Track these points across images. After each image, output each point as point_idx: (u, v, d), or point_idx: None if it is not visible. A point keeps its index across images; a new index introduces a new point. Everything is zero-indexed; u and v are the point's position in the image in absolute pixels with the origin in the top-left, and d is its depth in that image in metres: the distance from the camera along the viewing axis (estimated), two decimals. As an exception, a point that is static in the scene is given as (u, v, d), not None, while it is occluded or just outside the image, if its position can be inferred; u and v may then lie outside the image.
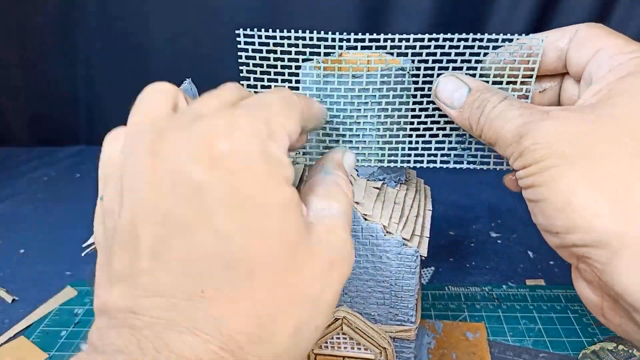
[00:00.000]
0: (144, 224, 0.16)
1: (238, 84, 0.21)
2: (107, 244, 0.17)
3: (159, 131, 0.17)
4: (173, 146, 0.16)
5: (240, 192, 0.16)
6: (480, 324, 0.41)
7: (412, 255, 0.28)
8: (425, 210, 0.31)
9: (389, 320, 0.30)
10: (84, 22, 0.77)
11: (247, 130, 0.17)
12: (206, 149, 0.16)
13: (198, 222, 0.16)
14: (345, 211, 0.21)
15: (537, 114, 0.22)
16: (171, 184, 0.16)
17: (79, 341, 0.41)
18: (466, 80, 0.25)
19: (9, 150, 0.83)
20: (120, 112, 0.74)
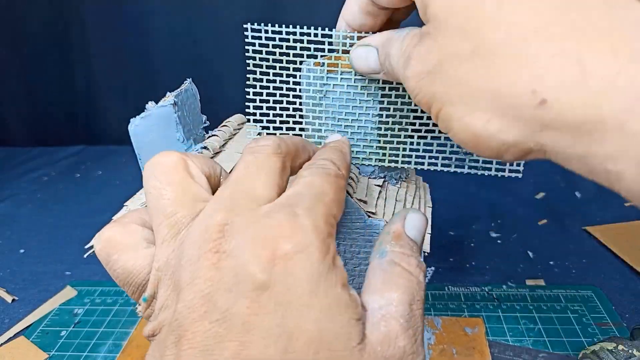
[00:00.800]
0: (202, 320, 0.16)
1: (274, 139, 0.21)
2: (160, 337, 0.17)
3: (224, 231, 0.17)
4: (237, 245, 0.17)
5: (294, 292, 0.16)
6: (478, 319, 0.41)
7: None
8: (426, 207, 0.31)
9: None
10: (83, 22, 0.77)
11: (309, 232, 0.17)
12: (269, 249, 0.16)
13: (255, 323, 0.16)
14: (410, 297, 0.18)
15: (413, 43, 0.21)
16: (234, 282, 0.16)
17: (78, 341, 0.41)
18: (370, 41, 0.25)
19: (9, 150, 0.83)
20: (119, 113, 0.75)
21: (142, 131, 0.29)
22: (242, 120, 0.37)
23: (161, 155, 0.21)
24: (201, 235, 0.17)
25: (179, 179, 0.20)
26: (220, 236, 0.17)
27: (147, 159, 0.29)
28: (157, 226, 0.19)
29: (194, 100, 0.31)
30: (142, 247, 0.20)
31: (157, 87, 0.81)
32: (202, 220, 0.18)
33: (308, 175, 0.20)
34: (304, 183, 0.19)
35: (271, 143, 0.21)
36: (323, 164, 0.21)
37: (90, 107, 0.84)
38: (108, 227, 0.21)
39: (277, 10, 0.72)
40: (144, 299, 0.19)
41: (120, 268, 0.20)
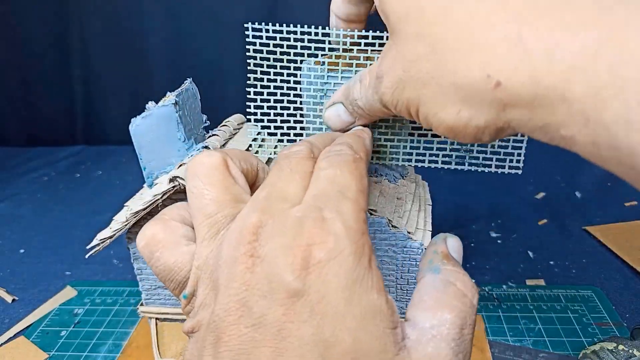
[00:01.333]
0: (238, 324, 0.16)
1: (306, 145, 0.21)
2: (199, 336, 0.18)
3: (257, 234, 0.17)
4: (270, 250, 0.17)
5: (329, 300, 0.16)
6: (477, 315, 0.41)
7: (417, 249, 0.28)
8: (426, 205, 0.32)
9: None
10: (82, 23, 0.77)
11: (341, 236, 0.17)
12: (302, 256, 0.16)
13: (291, 330, 0.16)
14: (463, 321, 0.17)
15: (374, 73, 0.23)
16: (268, 288, 0.16)
17: (78, 341, 0.41)
18: (334, 99, 0.26)
19: (9, 150, 0.83)
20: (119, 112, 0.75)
21: (143, 131, 0.29)
22: (241, 120, 0.37)
23: (203, 155, 0.21)
24: (237, 237, 0.18)
25: (220, 179, 0.20)
26: (254, 239, 0.17)
27: (148, 159, 0.29)
28: (198, 225, 0.20)
29: (194, 100, 0.31)
30: (183, 245, 0.20)
31: (157, 87, 0.81)
32: (238, 221, 0.18)
33: (327, 167, 0.20)
34: (326, 177, 0.19)
35: (304, 148, 0.21)
36: (340, 149, 0.21)
37: (90, 107, 0.84)
38: (151, 224, 0.21)
39: (277, 10, 0.72)
40: (184, 296, 0.19)
41: (162, 265, 0.20)
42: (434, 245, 0.21)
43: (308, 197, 0.18)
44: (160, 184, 0.29)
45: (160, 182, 0.29)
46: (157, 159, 0.29)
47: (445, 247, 0.21)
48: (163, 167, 0.30)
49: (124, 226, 0.29)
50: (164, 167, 0.30)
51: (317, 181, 0.19)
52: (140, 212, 0.28)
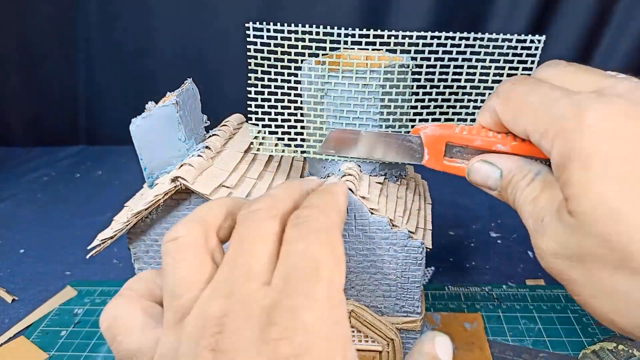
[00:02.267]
0: None
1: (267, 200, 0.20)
2: None
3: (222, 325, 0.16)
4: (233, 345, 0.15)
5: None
6: (476, 314, 0.41)
7: (418, 248, 0.28)
8: (426, 204, 0.32)
9: (395, 312, 0.31)
10: (84, 22, 0.77)
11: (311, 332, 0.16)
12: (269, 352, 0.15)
13: None
14: None
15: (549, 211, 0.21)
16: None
17: (78, 341, 0.41)
18: (497, 162, 0.24)
19: (9, 150, 0.83)
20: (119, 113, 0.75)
21: (144, 131, 0.28)
22: (241, 120, 0.37)
23: (180, 226, 0.19)
24: (198, 328, 0.16)
25: (193, 257, 0.18)
26: (217, 331, 0.16)
27: (148, 159, 0.29)
28: (166, 308, 0.18)
29: (194, 100, 0.31)
30: (149, 328, 0.18)
31: (157, 87, 0.80)
32: (199, 308, 0.17)
33: (296, 240, 0.18)
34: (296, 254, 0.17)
35: (265, 206, 0.19)
36: (308, 216, 0.19)
37: (90, 107, 0.84)
38: (114, 303, 0.19)
39: (276, 10, 0.73)
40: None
41: (125, 350, 0.18)
42: (421, 344, 0.20)
43: (276, 278, 0.17)
44: (162, 184, 0.29)
45: (162, 182, 0.29)
46: (158, 159, 0.29)
47: (433, 349, 0.20)
48: (164, 168, 0.30)
49: (125, 226, 0.29)
50: (164, 168, 0.30)
51: (288, 258, 0.17)
52: (141, 212, 0.28)
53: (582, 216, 0.18)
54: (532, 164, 0.23)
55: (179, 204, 0.29)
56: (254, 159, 0.33)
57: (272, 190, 0.21)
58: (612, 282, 0.18)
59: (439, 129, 0.26)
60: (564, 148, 0.19)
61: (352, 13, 0.71)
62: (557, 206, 0.20)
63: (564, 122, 0.19)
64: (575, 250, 0.19)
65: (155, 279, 0.21)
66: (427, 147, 0.26)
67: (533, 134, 0.21)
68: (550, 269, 0.21)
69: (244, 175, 0.31)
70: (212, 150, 0.30)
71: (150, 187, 0.30)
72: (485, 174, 0.24)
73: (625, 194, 0.17)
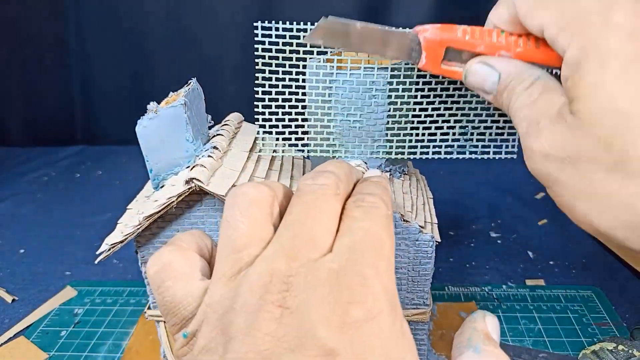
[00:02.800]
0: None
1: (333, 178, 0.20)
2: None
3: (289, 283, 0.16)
4: (303, 303, 0.16)
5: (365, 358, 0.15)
6: (471, 303, 0.43)
7: (428, 241, 0.29)
8: (427, 198, 0.32)
9: (405, 304, 0.31)
10: (81, 22, 0.77)
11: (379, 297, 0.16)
12: (339, 313, 0.15)
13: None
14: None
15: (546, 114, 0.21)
16: (297, 343, 0.15)
17: (78, 341, 0.41)
18: (496, 65, 0.23)
19: (9, 150, 0.83)
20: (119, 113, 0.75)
21: (150, 132, 0.28)
22: (240, 118, 0.37)
23: (249, 185, 0.20)
24: (263, 282, 0.16)
25: (259, 214, 0.19)
26: (284, 289, 0.16)
27: (154, 160, 0.29)
28: (222, 259, 0.18)
29: (200, 99, 0.31)
30: (196, 278, 0.19)
31: (157, 87, 0.81)
32: (263, 265, 0.17)
33: (362, 218, 0.19)
34: (361, 231, 0.18)
35: (331, 183, 0.20)
36: (373, 202, 0.20)
37: (89, 107, 0.83)
38: (167, 251, 0.20)
39: (276, 10, 0.73)
40: (184, 335, 0.18)
41: (171, 296, 0.18)
42: (473, 322, 0.21)
43: (342, 247, 0.17)
44: (174, 185, 0.28)
45: (171, 183, 0.29)
46: (165, 160, 0.29)
47: (485, 326, 0.20)
48: (170, 169, 0.29)
49: (137, 230, 0.28)
50: (171, 169, 0.29)
51: (352, 232, 0.18)
52: (154, 215, 0.28)
53: (587, 116, 0.18)
54: (532, 69, 0.22)
55: (190, 206, 0.29)
56: (258, 159, 0.33)
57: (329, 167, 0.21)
58: (603, 184, 0.18)
59: (440, 32, 0.24)
60: (584, 44, 0.19)
61: (352, 13, 0.71)
62: (557, 109, 0.20)
63: (589, 17, 0.19)
64: (570, 152, 0.19)
65: (203, 238, 0.21)
66: (425, 51, 0.25)
67: (551, 27, 0.20)
68: (538, 169, 0.21)
69: (253, 175, 0.31)
70: (221, 150, 0.30)
71: (155, 188, 0.30)
72: (483, 76, 0.24)
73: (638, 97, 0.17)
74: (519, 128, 0.22)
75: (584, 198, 0.19)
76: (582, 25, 0.19)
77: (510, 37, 0.23)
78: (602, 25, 0.18)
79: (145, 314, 0.34)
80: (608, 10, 0.18)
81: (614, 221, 0.19)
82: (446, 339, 0.39)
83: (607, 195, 0.19)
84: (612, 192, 0.18)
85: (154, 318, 0.33)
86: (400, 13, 0.72)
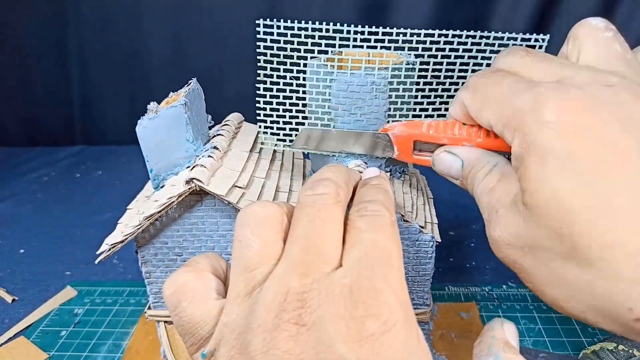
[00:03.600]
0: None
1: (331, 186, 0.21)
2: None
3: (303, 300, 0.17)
4: (319, 319, 0.16)
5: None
6: (471, 303, 0.43)
7: (429, 241, 0.29)
8: (428, 199, 0.32)
9: None
10: (79, 23, 0.77)
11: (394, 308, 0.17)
12: (356, 327, 0.16)
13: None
14: None
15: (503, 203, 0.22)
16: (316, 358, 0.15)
17: (78, 341, 0.41)
18: (458, 152, 0.25)
19: (9, 150, 0.83)
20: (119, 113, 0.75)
21: (151, 132, 0.28)
22: (240, 118, 0.37)
23: (258, 204, 0.20)
24: (278, 301, 0.17)
25: (270, 233, 0.19)
26: (299, 306, 0.16)
27: (155, 161, 0.29)
28: (235, 277, 0.19)
29: (200, 99, 0.31)
30: (212, 298, 0.19)
31: (156, 87, 0.81)
32: (276, 282, 0.17)
33: (367, 229, 0.19)
34: (368, 242, 0.19)
35: (330, 191, 0.20)
36: (377, 210, 0.20)
37: (89, 107, 0.83)
38: (182, 272, 0.20)
39: (275, 9, 0.72)
40: (203, 355, 0.18)
41: (188, 317, 0.19)
42: (492, 330, 0.21)
43: (351, 261, 0.18)
44: (174, 185, 0.28)
45: (172, 183, 0.29)
46: (165, 160, 0.29)
47: (504, 334, 0.21)
48: (171, 169, 0.29)
49: (137, 230, 0.28)
50: (171, 169, 0.29)
51: (360, 244, 0.18)
52: (154, 215, 0.28)
53: (536, 210, 0.19)
54: (491, 156, 0.24)
55: (190, 206, 0.29)
56: (259, 158, 0.33)
57: (327, 174, 0.22)
58: (562, 271, 0.19)
59: (406, 128, 0.27)
60: (523, 141, 0.19)
61: (353, 12, 0.71)
62: (512, 198, 0.21)
63: (523, 116, 0.20)
64: (528, 241, 0.20)
65: (218, 260, 0.22)
66: (396, 145, 0.27)
67: (496, 124, 0.21)
68: (504, 257, 0.21)
69: (253, 175, 0.31)
70: (221, 150, 0.30)
71: (156, 188, 0.30)
72: (449, 164, 0.25)
73: (577, 190, 0.18)
74: (483, 215, 0.23)
75: (549, 285, 0.20)
76: (518, 124, 0.20)
77: (470, 128, 0.25)
78: (536, 123, 0.19)
79: (145, 314, 0.34)
80: (539, 107, 0.19)
81: (581, 306, 0.19)
82: (446, 339, 0.39)
83: (568, 282, 0.19)
84: (572, 279, 0.19)
85: (154, 318, 0.33)
86: (401, 12, 0.71)
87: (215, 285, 0.20)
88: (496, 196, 0.22)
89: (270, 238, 0.19)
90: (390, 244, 0.19)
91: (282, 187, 0.31)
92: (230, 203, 0.27)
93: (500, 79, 0.22)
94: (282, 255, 0.19)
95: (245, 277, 0.18)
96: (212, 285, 0.20)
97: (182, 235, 0.30)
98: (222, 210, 0.29)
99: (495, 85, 0.22)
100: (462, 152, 0.25)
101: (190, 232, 0.30)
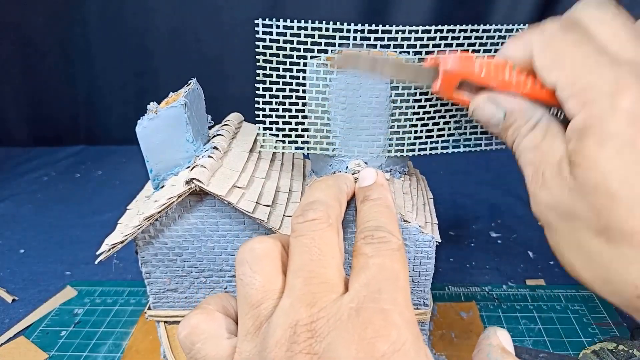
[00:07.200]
0: None
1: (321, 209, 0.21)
2: None
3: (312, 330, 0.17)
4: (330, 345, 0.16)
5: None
6: (471, 303, 0.43)
7: (429, 242, 0.29)
8: (428, 199, 0.32)
9: None
10: (84, 21, 0.77)
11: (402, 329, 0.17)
12: (367, 350, 0.16)
13: None
14: None
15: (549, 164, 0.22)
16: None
17: (78, 341, 0.41)
18: (502, 101, 0.24)
19: (9, 150, 0.83)
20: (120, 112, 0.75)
21: (151, 132, 0.28)
22: (240, 118, 0.37)
23: (255, 241, 0.21)
24: (288, 334, 0.17)
25: (269, 268, 0.20)
26: (309, 336, 0.17)
27: (155, 161, 0.29)
28: (243, 316, 0.19)
29: (200, 100, 0.31)
30: (224, 337, 0.20)
31: (158, 87, 0.81)
32: (283, 316, 0.18)
33: (374, 256, 0.20)
34: (375, 267, 0.19)
35: (321, 215, 0.21)
36: (383, 237, 0.21)
37: (90, 107, 0.83)
38: (194, 314, 0.21)
39: (276, 9, 0.72)
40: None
41: (203, 357, 0.20)
42: (488, 338, 0.22)
43: (358, 285, 0.18)
44: (174, 185, 0.28)
45: (172, 183, 0.29)
46: (165, 160, 0.29)
47: (499, 341, 0.21)
48: (171, 169, 0.29)
49: (137, 230, 0.28)
50: (171, 169, 0.29)
51: (367, 270, 0.19)
52: (154, 216, 0.28)
53: (584, 186, 0.20)
54: (535, 109, 0.23)
55: (190, 206, 0.29)
56: (259, 158, 0.33)
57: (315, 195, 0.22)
58: (589, 243, 0.20)
59: (459, 65, 0.25)
60: (589, 118, 0.20)
61: (353, 12, 0.71)
62: (559, 159, 0.21)
63: (599, 94, 0.19)
64: (568, 209, 0.21)
65: (228, 299, 0.22)
66: (442, 80, 0.25)
67: (563, 90, 0.21)
68: (540, 215, 0.23)
69: (253, 175, 0.31)
70: (221, 151, 0.30)
71: (155, 189, 0.30)
72: (490, 114, 0.24)
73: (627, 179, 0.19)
74: (525, 171, 0.23)
75: (572, 250, 0.21)
76: (591, 101, 0.20)
77: (520, 75, 0.24)
78: (609, 107, 0.19)
79: (145, 314, 0.34)
80: (617, 93, 0.19)
81: (593, 276, 0.21)
82: (446, 339, 0.39)
83: (591, 253, 0.21)
84: (596, 252, 0.20)
85: (154, 318, 0.33)
86: (401, 11, 0.72)
87: (226, 324, 0.21)
88: (541, 155, 0.22)
89: (270, 273, 0.20)
90: (397, 267, 0.19)
91: (282, 187, 0.31)
92: (230, 203, 0.27)
93: (580, 40, 0.21)
94: (286, 288, 0.19)
95: (252, 314, 0.19)
96: (224, 325, 0.20)
97: (182, 236, 0.30)
98: (222, 210, 0.29)
99: (575, 48, 0.21)
100: (506, 102, 0.24)
101: (190, 232, 0.30)
